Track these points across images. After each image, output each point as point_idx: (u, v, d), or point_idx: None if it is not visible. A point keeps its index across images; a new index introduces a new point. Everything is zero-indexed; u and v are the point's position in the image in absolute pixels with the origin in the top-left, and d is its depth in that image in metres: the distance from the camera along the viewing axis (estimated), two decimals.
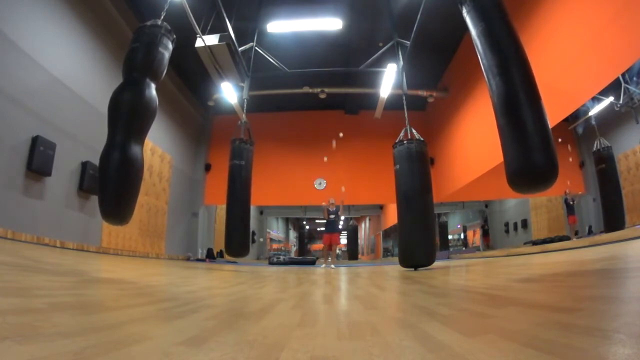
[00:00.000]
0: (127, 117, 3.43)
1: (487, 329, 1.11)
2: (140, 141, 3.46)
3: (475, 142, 9.81)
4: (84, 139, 6.89)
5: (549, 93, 3.45)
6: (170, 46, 3.98)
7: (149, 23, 3.91)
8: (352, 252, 22.49)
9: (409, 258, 5.49)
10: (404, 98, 7.34)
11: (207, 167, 13.13)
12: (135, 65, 3.63)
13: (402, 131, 6.38)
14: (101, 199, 3.30)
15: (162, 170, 10.61)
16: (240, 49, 7.75)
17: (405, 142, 5.93)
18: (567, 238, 10.48)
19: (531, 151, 3.09)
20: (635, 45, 4.55)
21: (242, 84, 8.29)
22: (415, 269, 5.39)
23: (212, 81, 8.48)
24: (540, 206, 14.87)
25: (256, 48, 8.77)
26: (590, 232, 11.60)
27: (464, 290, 2.41)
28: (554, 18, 6.09)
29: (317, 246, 38.41)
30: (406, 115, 6.79)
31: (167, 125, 11.00)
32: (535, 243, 11.45)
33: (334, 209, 9.35)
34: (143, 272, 4.10)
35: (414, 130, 6.26)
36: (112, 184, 3.25)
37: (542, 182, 3.11)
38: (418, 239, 5.42)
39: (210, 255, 12.28)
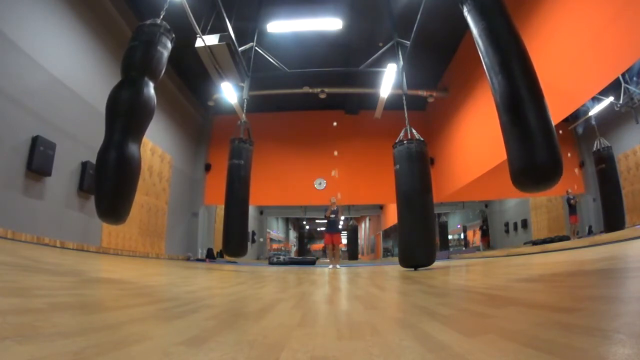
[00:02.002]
0: (124, 116, 3.41)
1: (487, 329, 1.11)
2: (138, 140, 3.45)
3: (475, 142, 9.80)
4: (84, 139, 6.89)
5: (549, 93, 3.45)
6: (169, 45, 3.97)
7: (148, 22, 3.90)
8: (352, 252, 22.50)
9: (409, 258, 5.48)
10: (404, 98, 7.34)
11: (207, 167, 13.13)
12: (134, 64, 3.62)
13: (402, 131, 6.37)
14: (97, 198, 3.28)
15: (162, 170, 10.60)
16: (240, 49, 7.74)
17: (405, 142, 5.93)
18: (567, 238, 10.48)
19: (535, 149, 3.07)
20: (635, 45, 4.55)
21: (242, 84, 8.28)
22: (415, 269, 5.38)
23: (212, 81, 8.45)
24: (540, 206, 14.86)
25: (256, 48, 8.76)
26: (590, 232, 11.59)
27: (464, 290, 2.41)
28: (554, 18, 6.09)
29: (317, 246, 38.43)
30: (406, 115, 6.78)
31: (167, 125, 11.00)
32: (535, 243, 11.44)
33: (335, 208, 9.32)
34: (143, 272, 4.08)
35: (414, 130, 6.26)
36: (108, 183, 3.23)
37: (546, 181, 3.09)
38: (418, 239, 5.42)
39: (210, 255, 12.28)
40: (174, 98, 11.39)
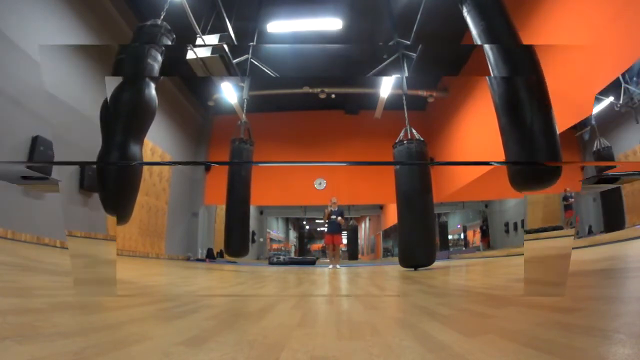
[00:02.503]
0: (126, 117, 3.41)
1: (487, 329, 1.11)
2: (139, 141, 3.45)
3: (475, 142, 9.72)
4: (84, 139, 6.86)
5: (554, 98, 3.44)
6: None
7: (148, 22, 3.91)
8: (352, 252, 22.50)
9: (409, 258, 5.48)
10: (404, 98, 7.33)
11: (207, 167, 13.09)
12: (135, 65, 3.62)
13: (402, 131, 6.36)
14: (100, 199, 3.28)
15: (162, 170, 10.56)
16: (235, 61, 7.59)
17: (405, 142, 5.93)
18: (560, 228, 10.45)
19: (534, 150, 3.05)
20: (635, 45, 4.54)
21: (242, 84, 8.29)
22: (415, 269, 5.36)
23: (212, 81, 8.45)
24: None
25: (252, 60, 8.62)
26: (590, 232, 11.57)
27: (463, 290, 2.42)
28: (553, 18, 6.09)
29: (317, 246, 38.34)
30: (406, 115, 6.76)
31: (167, 125, 10.93)
32: (529, 232, 11.45)
33: (336, 208, 9.20)
34: (143, 272, 4.12)
35: (414, 130, 6.25)
36: (110, 184, 3.23)
37: (545, 181, 3.06)
38: (418, 239, 5.42)
39: (211, 255, 12.25)
40: (174, 98, 11.36)
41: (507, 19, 3.54)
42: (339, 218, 9.09)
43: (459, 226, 22.94)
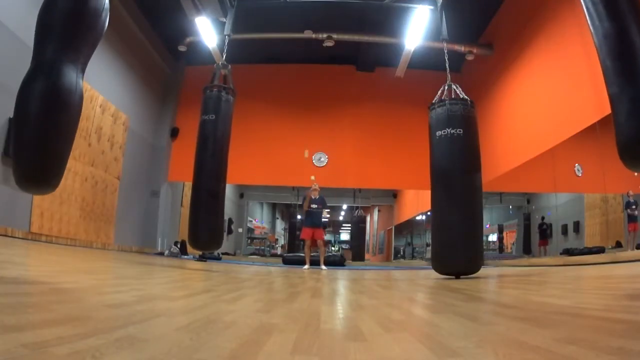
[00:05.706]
0: (62, 29, 2.79)
1: None
2: (79, 63, 2.82)
3: (526, 116, 9.44)
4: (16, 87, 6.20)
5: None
6: None
7: None
8: (358, 251, 21.92)
9: (448, 262, 5.08)
10: (444, 45, 6.80)
11: (174, 132, 12.75)
12: None
13: (441, 88, 5.86)
14: (16, 151, 2.67)
15: (114, 134, 10.08)
16: None
17: (446, 101, 5.42)
18: (602, 250, 10.38)
19: None
20: None
21: (224, 19, 7.80)
22: (457, 278, 4.95)
23: (185, 16, 8.20)
24: (594, 207, 14.49)
25: None
26: None
27: (566, 313, 1.85)
28: None
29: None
30: (447, 67, 6.30)
31: (124, 75, 10.53)
32: (571, 253, 11.41)
33: (317, 196, 9.19)
34: (69, 266, 3.68)
35: (458, 88, 5.76)
36: (34, 127, 2.60)
37: None
38: (460, 237, 4.98)
39: (183, 249, 11.82)
40: (134, 39, 10.80)
41: None
42: (326, 211, 9.04)
43: (487, 226, 22.49)
